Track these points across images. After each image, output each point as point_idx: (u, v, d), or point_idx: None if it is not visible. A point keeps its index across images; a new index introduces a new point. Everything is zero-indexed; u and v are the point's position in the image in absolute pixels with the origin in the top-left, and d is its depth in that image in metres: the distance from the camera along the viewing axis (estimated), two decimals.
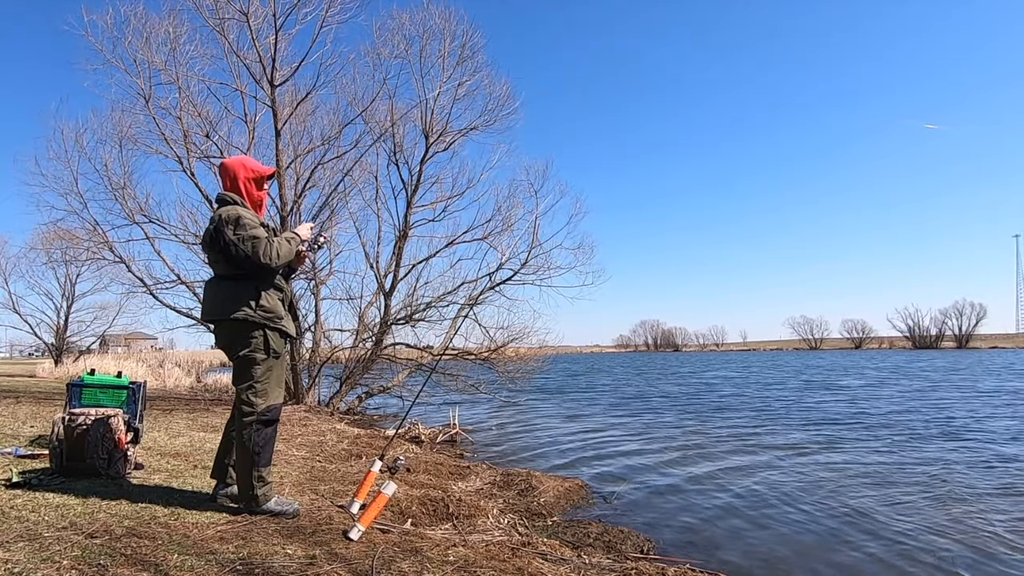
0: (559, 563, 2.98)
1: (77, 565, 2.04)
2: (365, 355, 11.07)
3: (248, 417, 2.85)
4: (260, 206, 3.13)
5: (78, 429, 3.38)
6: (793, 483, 5.81)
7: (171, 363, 22.46)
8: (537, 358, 12.29)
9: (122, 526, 2.54)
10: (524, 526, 4.00)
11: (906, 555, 3.88)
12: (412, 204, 11.27)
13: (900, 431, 8.93)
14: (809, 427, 9.60)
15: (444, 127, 11.18)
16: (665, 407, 13.40)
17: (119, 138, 10.35)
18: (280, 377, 3.03)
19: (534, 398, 15.65)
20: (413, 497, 4.00)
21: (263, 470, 2.89)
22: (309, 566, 2.31)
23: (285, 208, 10.07)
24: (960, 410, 11.47)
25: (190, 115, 10.07)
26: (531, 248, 11.31)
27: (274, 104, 9.87)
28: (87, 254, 11.32)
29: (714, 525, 4.56)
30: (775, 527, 4.49)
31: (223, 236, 2.84)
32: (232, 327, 2.90)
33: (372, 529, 2.92)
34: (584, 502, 5.11)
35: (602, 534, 4.02)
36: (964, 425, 9.44)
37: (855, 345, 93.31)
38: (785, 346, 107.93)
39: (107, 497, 2.99)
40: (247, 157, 3.25)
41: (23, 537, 2.29)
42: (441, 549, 2.79)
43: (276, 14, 9.45)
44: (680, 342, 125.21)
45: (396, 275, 11.28)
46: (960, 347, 76.69)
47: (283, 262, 2.95)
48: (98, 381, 4.23)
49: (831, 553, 3.95)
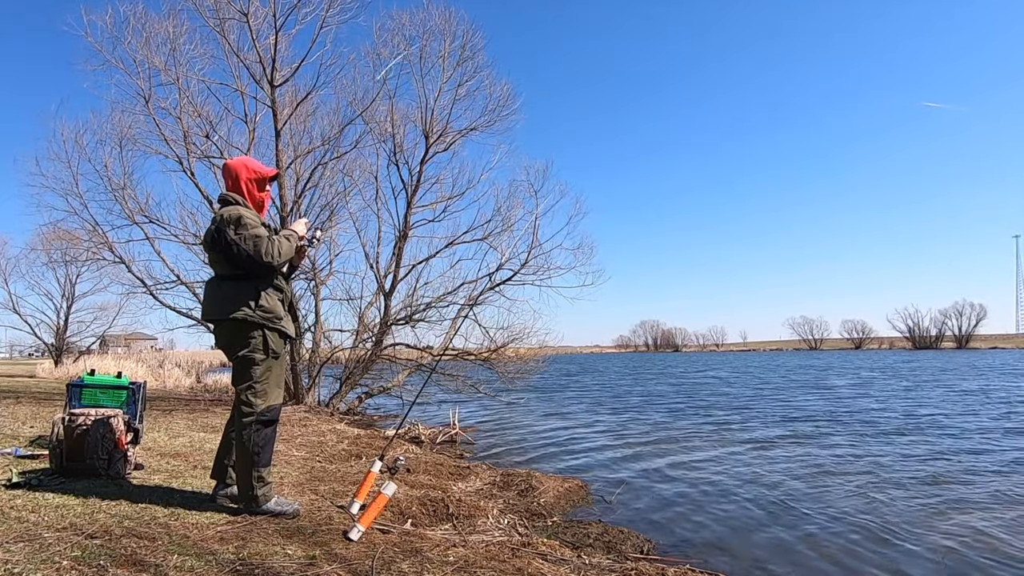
0: (559, 563, 2.98)
1: (77, 565, 2.04)
2: (365, 355, 11.06)
3: (248, 417, 2.85)
4: (261, 207, 3.14)
5: (78, 429, 3.38)
6: (793, 484, 5.81)
7: (171, 363, 22.47)
8: (537, 358, 12.27)
9: (122, 527, 2.54)
10: (524, 526, 3.99)
11: (911, 554, 3.88)
12: (412, 204, 11.27)
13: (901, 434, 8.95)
14: (810, 429, 9.60)
15: (444, 127, 11.18)
16: (665, 408, 13.40)
17: (119, 138, 10.35)
18: (280, 377, 3.03)
19: (534, 398, 15.65)
20: (413, 497, 4.00)
21: (263, 470, 2.89)
22: (309, 566, 2.31)
23: (285, 208, 10.07)
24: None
25: (190, 115, 10.06)
26: (531, 248, 11.30)
27: (274, 104, 9.86)
28: (87, 254, 11.32)
29: (714, 525, 4.56)
30: (775, 528, 4.49)
31: (225, 236, 2.84)
32: (232, 327, 2.90)
33: (372, 529, 2.92)
34: (584, 502, 5.11)
35: (602, 534, 4.02)
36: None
37: (855, 346, 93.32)
38: (785, 346, 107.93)
39: (107, 497, 2.99)
40: (249, 158, 3.25)
41: (23, 537, 2.29)
42: (441, 549, 2.79)
43: (276, 14, 9.44)
44: (680, 342, 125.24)
45: (396, 275, 11.28)
46: (960, 347, 76.63)
47: (285, 260, 2.97)
48: (98, 381, 4.23)
49: (831, 553, 3.95)
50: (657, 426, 10.21)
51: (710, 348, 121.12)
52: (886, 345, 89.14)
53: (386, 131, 11.07)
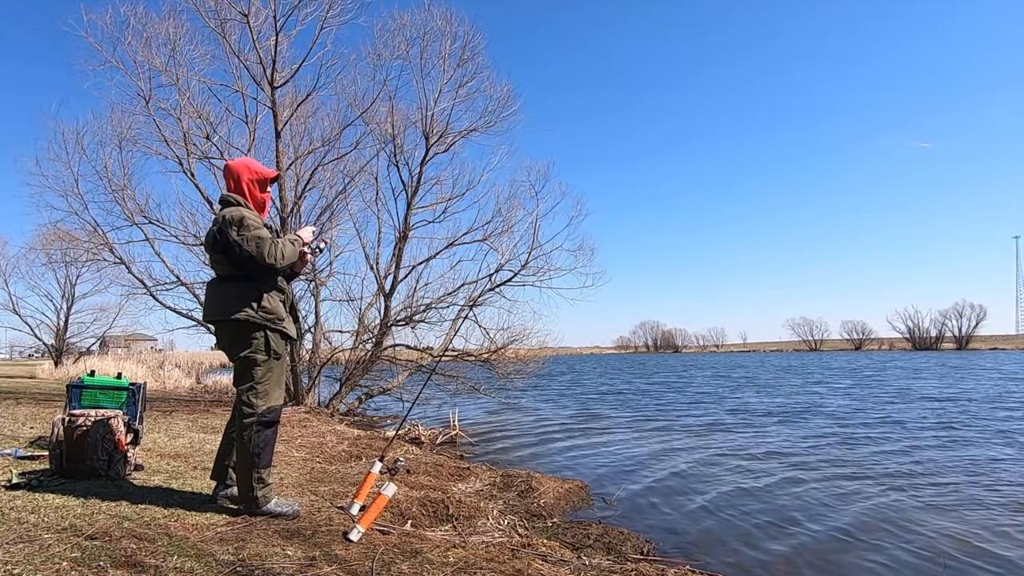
0: (559, 564, 2.97)
1: (76, 566, 2.04)
2: (365, 356, 11.06)
3: (248, 418, 2.85)
4: (263, 208, 3.14)
5: (78, 430, 3.38)
6: (793, 485, 5.81)
7: (171, 364, 22.47)
8: (537, 359, 12.28)
9: (121, 528, 2.54)
10: (524, 527, 3.99)
11: (911, 554, 3.88)
12: (412, 205, 11.28)
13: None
14: (812, 430, 9.60)
15: (444, 128, 11.19)
16: (665, 408, 13.39)
17: (119, 139, 10.39)
18: (280, 378, 3.03)
19: (534, 399, 15.65)
20: (413, 498, 4.00)
21: (263, 471, 2.89)
22: (309, 567, 2.31)
23: (285, 209, 10.07)
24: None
25: (190, 116, 10.08)
26: (531, 249, 11.32)
27: (274, 105, 9.87)
28: (87, 255, 11.35)
29: (714, 526, 4.56)
30: (774, 528, 4.49)
31: (227, 237, 2.84)
32: (233, 328, 2.90)
33: (372, 530, 2.92)
34: (584, 503, 5.11)
35: (602, 535, 4.01)
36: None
37: (855, 346, 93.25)
38: (785, 347, 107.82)
39: (107, 498, 2.99)
40: (250, 159, 3.26)
41: (23, 538, 2.29)
42: (441, 551, 2.79)
43: (276, 15, 9.46)
44: (680, 343, 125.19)
45: (396, 276, 11.29)
46: (960, 348, 76.58)
47: (287, 263, 2.97)
48: (98, 382, 4.23)
49: (831, 554, 3.95)
50: (657, 427, 10.21)
51: (710, 349, 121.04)
52: (886, 346, 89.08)
53: (386, 132, 11.08)
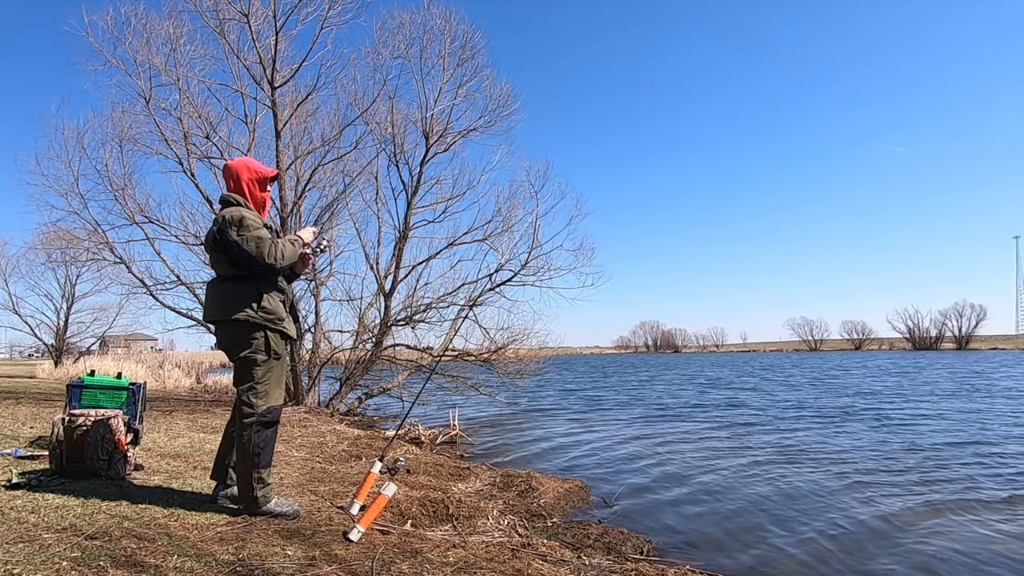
0: (559, 564, 2.97)
1: (76, 566, 2.04)
2: (365, 356, 11.06)
3: (248, 418, 2.85)
4: (263, 207, 3.14)
5: (78, 430, 3.38)
6: (792, 486, 5.81)
7: (171, 364, 22.44)
8: (537, 359, 12.28)
9: (121, 527, 2.54)
10: (524, 527, 3.99)
11: (911, 553, 3.88)
12: (412, 205, 11.28)
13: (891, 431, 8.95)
14: (812, 428, 9.59)
15: (444, 128, 11.19)
16: (664, 409, 13.39)
17: (119, 139, 10.37)
18: (280, 378, 3.03)
19: (534, 399, 15.65)
20: (413, 498, 3.99)
21: (263, 471, 2.89)
22: (309, 567, 2.31)
23: (285, 209, 10.07)
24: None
25: (190, 116, 10.08)
26: (531, 249, 11.33)
27: (274, 105, 9.87)
28: (87, 255, 11.33)
29: (714, 526, 4.57)
30: (773, 528, 4.49)
31: (227, 237, 2.84)
32: (233, 328, 2.90)
33: (372, 530, 2.92)
34: (584, 503, 5.11)
35: (602, 535, 4.02)
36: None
37: (855, 346, 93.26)
38: (785, 347, 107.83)
39: (107, 498, 2.99)
40: (250, 159, 3.25)
41: (23, 538, 2.29)
42: (441, 550, 2.79)
43: (276, 15, 9.46)
44: (680, 343, 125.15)
45: (396, 276, 11.29)
46: (960, 348, 76.56)
47: (287, 263, 2.96)
48: (98, 382, 4.23)
49: (831, 553, 3.95)
50: (657, 427, 10.21)
51: (710, 349, 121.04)
52: (886, 346, 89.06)
53: (386, 132, 11.08)
